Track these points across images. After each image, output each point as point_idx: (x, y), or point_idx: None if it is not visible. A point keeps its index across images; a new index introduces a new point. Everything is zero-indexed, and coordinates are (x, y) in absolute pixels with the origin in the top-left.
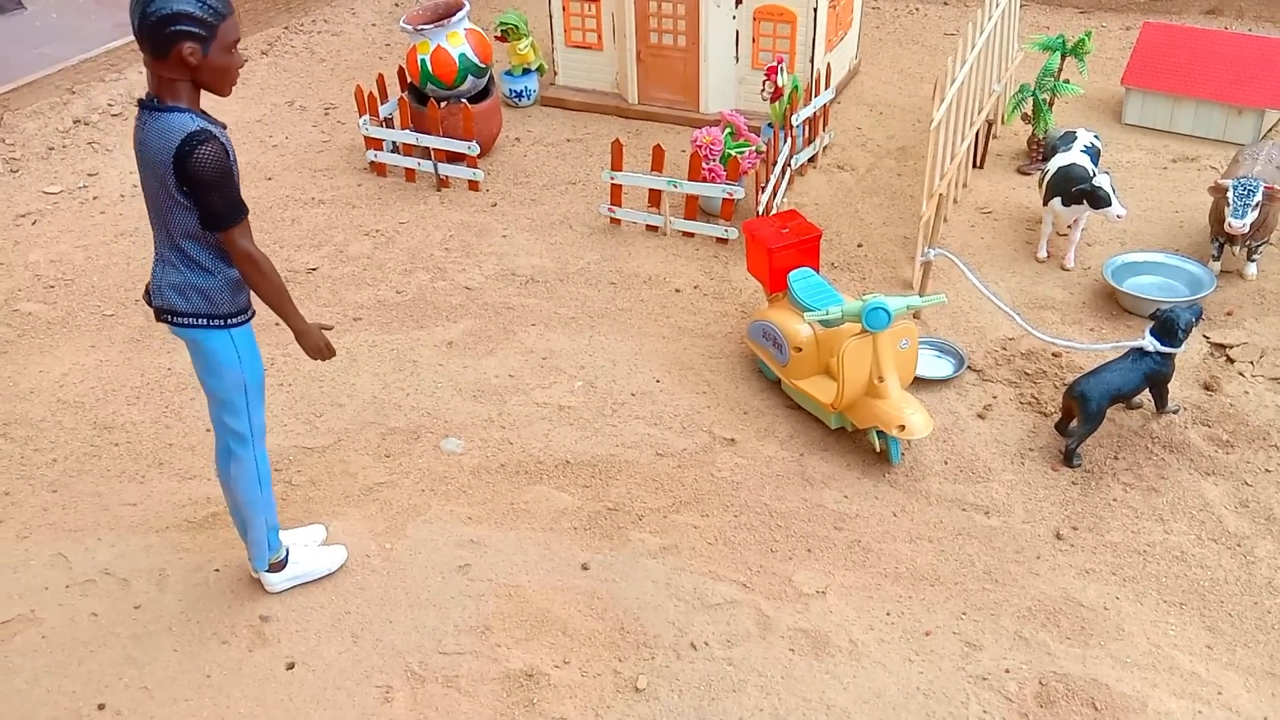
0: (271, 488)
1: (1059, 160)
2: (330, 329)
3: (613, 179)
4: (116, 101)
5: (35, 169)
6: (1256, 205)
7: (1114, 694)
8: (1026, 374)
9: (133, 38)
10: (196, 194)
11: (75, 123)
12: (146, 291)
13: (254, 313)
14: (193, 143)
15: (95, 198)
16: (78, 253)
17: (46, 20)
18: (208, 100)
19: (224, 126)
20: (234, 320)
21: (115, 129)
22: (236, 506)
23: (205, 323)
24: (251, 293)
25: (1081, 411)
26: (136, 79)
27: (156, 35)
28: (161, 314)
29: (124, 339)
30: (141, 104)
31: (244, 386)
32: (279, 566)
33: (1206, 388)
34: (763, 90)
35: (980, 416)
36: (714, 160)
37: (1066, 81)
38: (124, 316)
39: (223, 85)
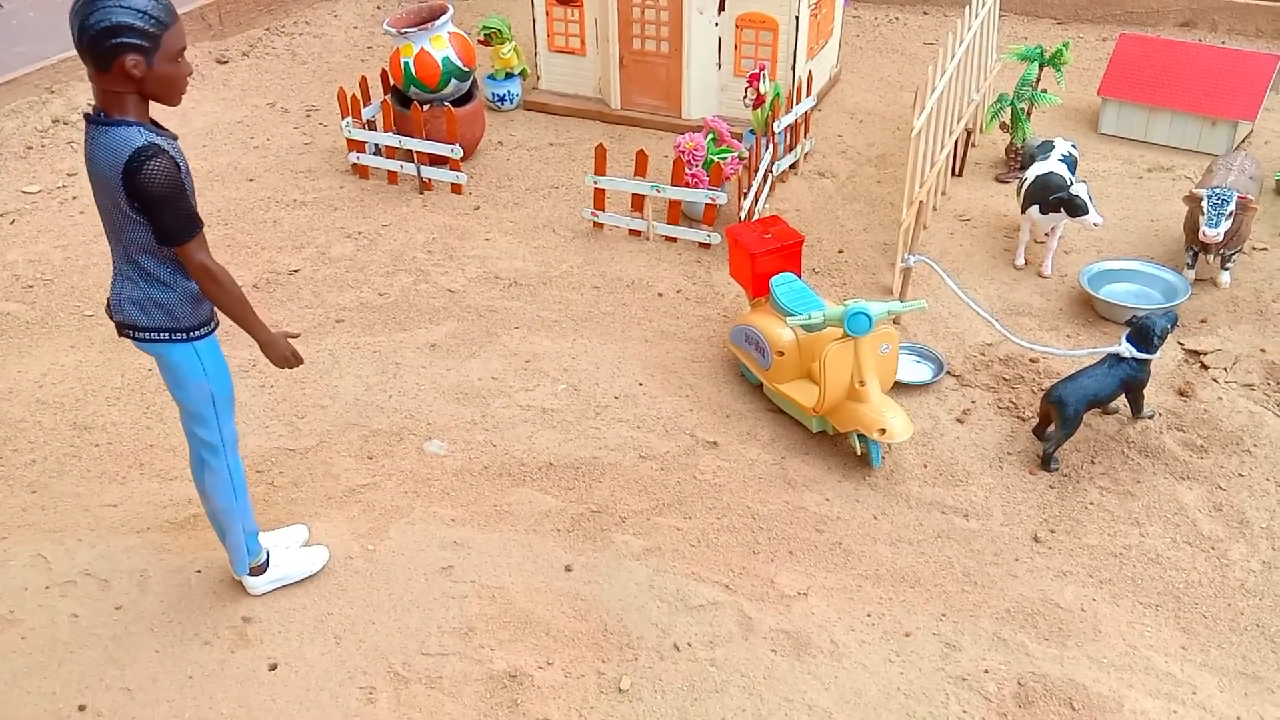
0: (248, 494)
1: (1037, 169)
2: (297, 336)
3: (596, 183)
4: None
5: (13, 168)
6: (1230, 214)
7: (1091, 694)
8: (1005, 379)
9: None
10: (148, 210)
11: (54, 122)
12: (108, 305)
13: (217, 324)
14: (141, 158)
15: (74, 198)
16: (57, 253)
17: (24, 19)
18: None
19: (175, 138)
20: (196, 333)
21: None
22: (213, 514)
23: (167, 337)
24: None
25: (1059, 416)
26: None
27: (97, 48)
28: (124, 329)
29: (104, 339)
30: (88, 118)
31: (211, 398)
32: (260, 570)
33: (1181, 394)
34: (745, 97)
35: (959, 421)
36: (697, 166)
37: (1044, 91)
38: (103, 317)
39: (170, 95)
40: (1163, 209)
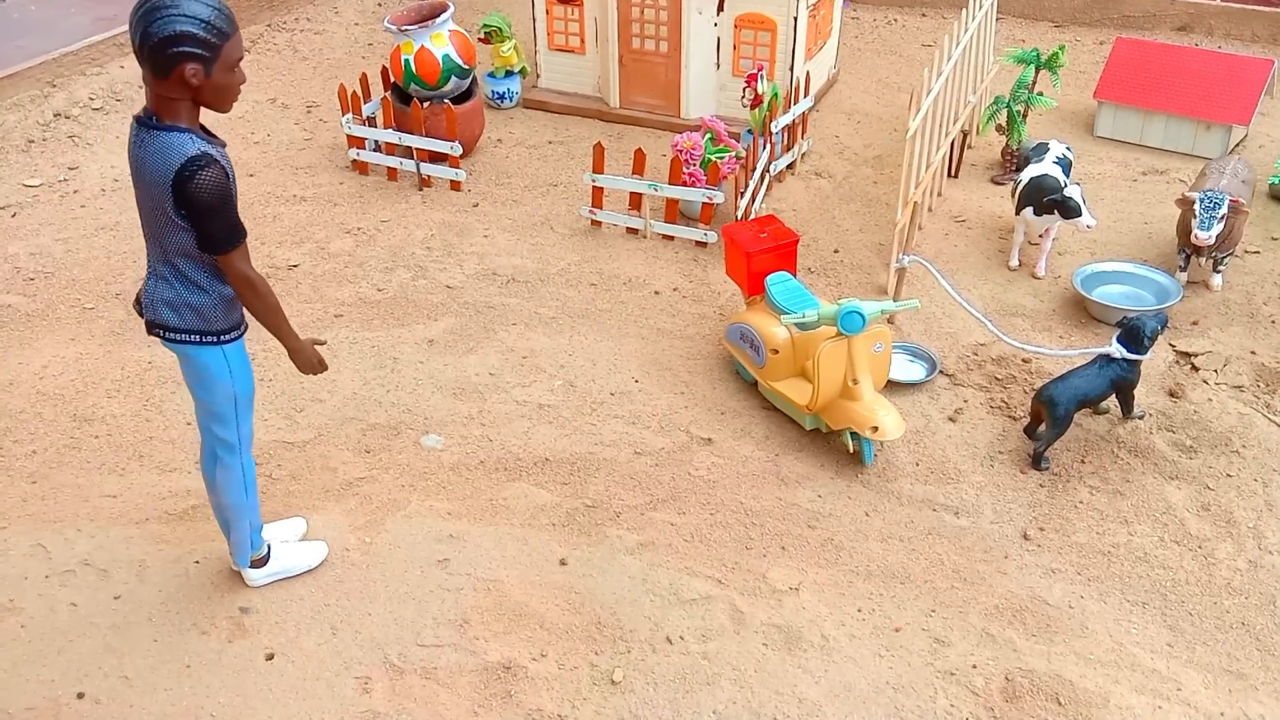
0: (256, 491)
1: (1031, 171)
2: (323, 343)
3: (594, 181)
4: (98, 95)
5: (14, 161)
6: (1222, 218)
7: (1077, 689)
8: (997, 379)
9: (115, 31)
10: (194, 218)
11: (56, 116)
12: (137, 301)
13: (246, 328)
14: (193, 167)
15: (75, 191)
16: (57, 246)
17: (25, 13)
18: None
19: (224, 145)
20: (226, 336)
21: (96, 123)
22: (221, 508)
23: (198, 339)
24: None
25: (1050, 416)
26: (118, 73)
27: (158, 56)
28: (154, 328)
29: (104, 332)
30: (139, 121)
31: (234, 399)
32: (260, 563)
33: (1171, 394)
34: (743, 97)
35: (951, 420)
36: (694, 165)
37: (1040, 94)
38: (104, 310)
39: (224, 103)
40: (1156, 212)
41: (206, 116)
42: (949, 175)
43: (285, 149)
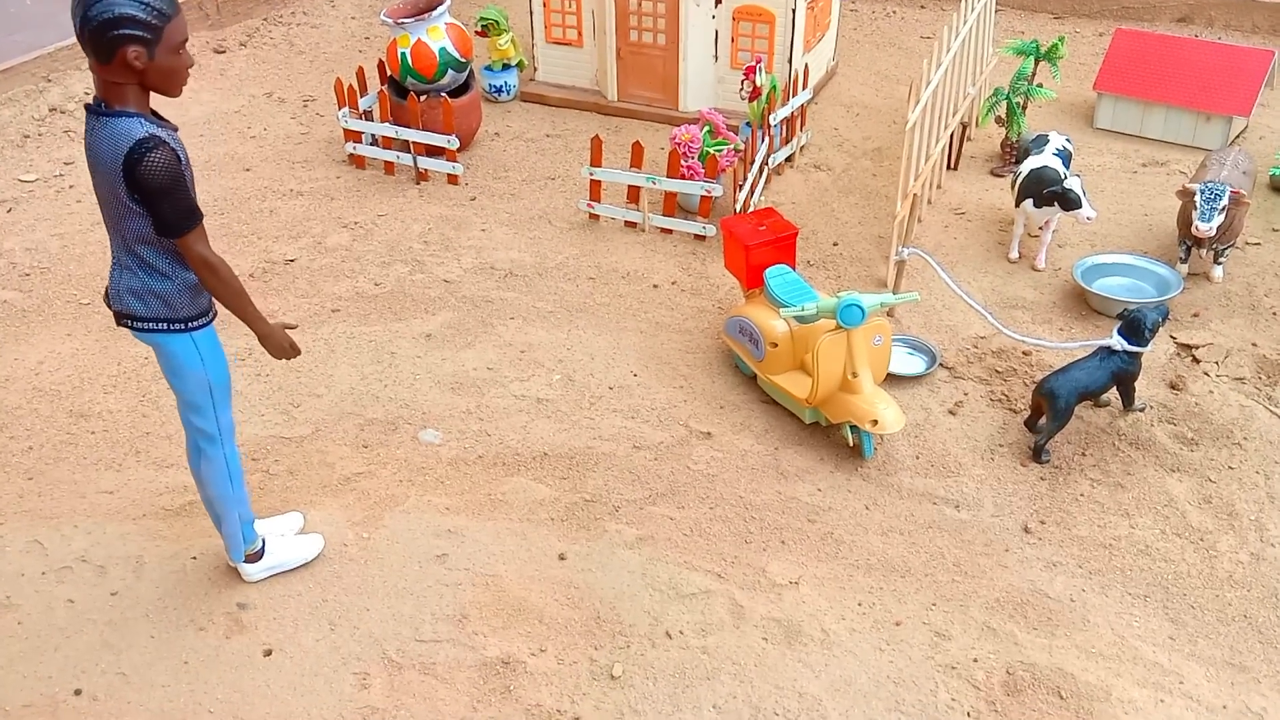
0: (244, 482)
1: (1031, 163)
2: (294, 327)
3: (592, 175)
4: (93, 90)
5: (10, 156)
6: (1223, 209)
7: (1079, 683)
8: (997, 371)
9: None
10: (147, 201)
11: (51, 110)
12: (106, 295)
13: (215, 314)
14: (142, 150)
15: (71, 186)
16: (53, 241)
17: (21, 7)
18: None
19: (175, 129)
20: (194, 323)
21: None
22: (209, 501)
23: (166, 327)
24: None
25: (1050, 408)
26: None
27: (99, 40)
28: (122, 319)
29: (100, 327)
30: (89, 109)
31: (209, 387)
32: (255, 557)
33: (1172, 387)
34: (741, 89)
35: (951, 413)
36: (692, 158)
37: (1040, 86)
38: (100, 305)
39: (171, 87)
40: (1157, 203)
41: (202, 108)
42: (948, 167)
43: (281, 143)
